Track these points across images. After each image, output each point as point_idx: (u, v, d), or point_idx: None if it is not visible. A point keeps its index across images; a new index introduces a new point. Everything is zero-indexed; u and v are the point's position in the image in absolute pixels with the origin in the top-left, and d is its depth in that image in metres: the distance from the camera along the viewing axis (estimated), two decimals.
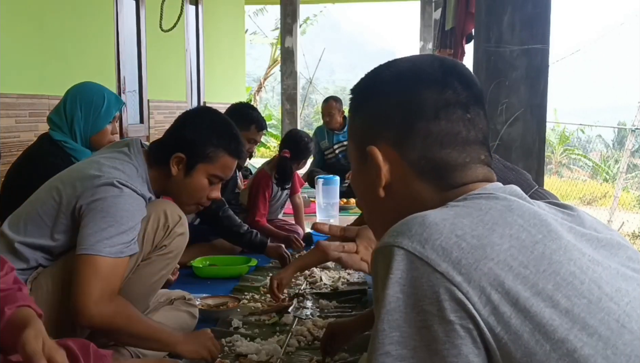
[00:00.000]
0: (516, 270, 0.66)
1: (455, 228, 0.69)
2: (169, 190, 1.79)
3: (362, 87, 0.89)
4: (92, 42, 4.94)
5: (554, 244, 0.70)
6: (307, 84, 14.35)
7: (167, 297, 2.03)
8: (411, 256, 0.67)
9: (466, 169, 0.82)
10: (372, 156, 0.83)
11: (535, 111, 2.63)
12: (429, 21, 8.57)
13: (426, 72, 0.83)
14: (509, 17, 2.59)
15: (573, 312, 0.65)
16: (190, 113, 1.89)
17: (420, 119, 0.81)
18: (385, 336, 0.66)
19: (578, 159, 13.60)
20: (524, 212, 0.73)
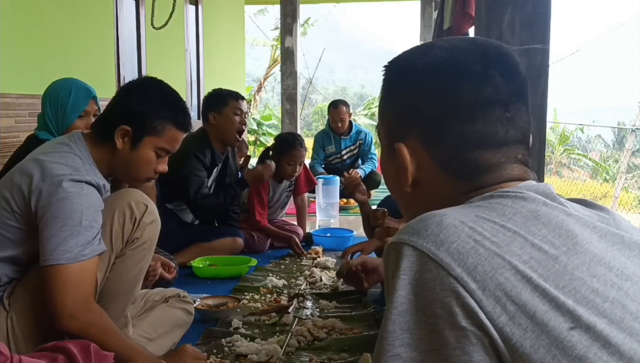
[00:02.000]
0: (535, 282, 0.64)
1: (474, 232, 0.66)
2: (115, 166, 1.68)
3: (395, 71, 0.84)
4: (92, 42, 4.94)
5: (577, 259, 0.67)
6: (307, 84, 14.35)
7: (162, 296, 2.03)
8: (425, 257, 0.65)
9: (500, 169, 0.77)
10: (400, 154, 0.79)
11: (535, 111, 2.63)
12: (429, 21, 8.57)
13: (465, 64, 0.77)
14: (509, 17, 2.59)
15: (594, 329, 0.63)
16: (134, 84, 1.77)
17: (454, 118, 0.76)
18: (396, 338, 0.64)
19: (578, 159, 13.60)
20: (550, 221, 0.70)
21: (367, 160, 5.42)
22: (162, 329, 1.92)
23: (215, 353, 1.90)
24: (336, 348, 1.94)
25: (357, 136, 5.49)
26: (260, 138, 14.28)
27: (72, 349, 1.21)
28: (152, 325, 1.91)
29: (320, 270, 2.92)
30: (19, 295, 1.56)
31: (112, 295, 1.68)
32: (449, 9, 4.38)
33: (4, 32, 3.73)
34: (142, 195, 1.74)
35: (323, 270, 2.92)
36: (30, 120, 4.04)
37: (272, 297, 2.51)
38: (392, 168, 0.82)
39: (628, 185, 10.17)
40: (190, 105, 7.07)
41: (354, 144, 5.49)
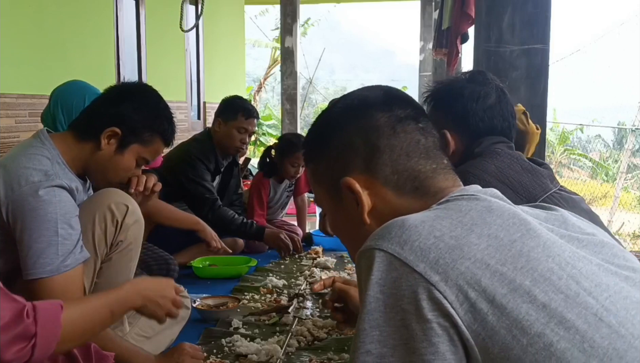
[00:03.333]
0: (493, 267, 0.68)
1: (434, 229, 0.71)
2: (92, 165, 1.63)
3: (315, 133, 0.93)
4: (92, 42, 4.94)
5: (532, 242, 0.72)
6: (307, 84, 14.34)
7: None
8: (390, 257, 0.69)
9: (436, 174, 0.85)
10: (349, 186, 0.85)
11: (535, 111, 2.63)
12: (429, 21, 8.56)
13: (371, 97, 0.89)
14: (509, 17, 2.59)
15: (550, 306, 0.67)
16: (130, 89, 1.74)
17: (381, 137, 0.85)
18: (366, 335, 0.68)
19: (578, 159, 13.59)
20: (503, 212, 0.75)
21: None
22: (159, 326, 1.91)
23: (215, 353, 1.90)
24: (336, 348, 1.94)
25: None
26: (260, 138, 14.27)
27: (73, 350, 1.21)
28: (149, 322, 1.90)
29: (320, 270, 2.92)
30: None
31: None
32: (448, 9, 4.38)
33: (4, 32, 3.73)
34: (122, 194, 1.71)
35: (323, 270, 2.92)
36: (30, 120, 4.04)
37: (272, 297, 2.51)
38: (341, 212, 0.89)
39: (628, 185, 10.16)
40: (190, 105, 7.07)
41: None
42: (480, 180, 1.40)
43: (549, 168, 1.57)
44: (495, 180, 1.41)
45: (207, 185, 3.09)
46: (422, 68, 8.66)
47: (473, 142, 1.53)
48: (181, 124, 6.14)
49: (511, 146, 1.56)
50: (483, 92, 1.53)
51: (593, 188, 10.97)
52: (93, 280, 1.65)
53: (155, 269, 2.50)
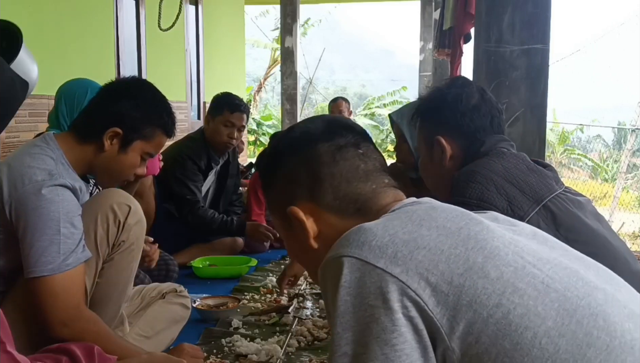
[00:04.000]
0: (447, 252, 0.74)
1: (387, 229, 0.77)
2: (98, 166, 1.64)
3: (264, 167, 1.00)
4: (92, 42, 4.94)
5: (477, 227, 0.79)
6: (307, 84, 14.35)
7: (159, 291, 2.02)
8: (352, 260, 0.74)
9: (377, 194, 0.91)
10: (293, 215, 0.91)
11: (535, 111, 2.62)
12: (429, 21, 8.56)
13: (312, 129, 0.96)
14: (509, 17, 2.58)
15: (503, 278, 0.73)
16: (126, 86, 1.74)
17: (322, 167, 0.91)
18: (341, 338, 0.72)
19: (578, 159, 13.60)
20: (445, 208, 0.83)
21: None
22: (159, 326, 1.92)
23: (215, 353, 1.90)
24: None
25: None
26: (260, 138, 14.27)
27: (76, 351, 1.21)
28: (149, 322, 1.91)
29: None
30: (7, 308, 1.52)
31: (104, 299, 1.67)
32: (450, 9, 4.38)
33: None
34: (124, 195, 1.71)
35: None
36: (30, 120, 4.04)
37: (272, 297, 2.51)
38: (294, 238, 0.94)
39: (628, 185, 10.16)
40: (190, 105, 7.07)
41: None
42: (488, 179, 1.41)
43: (554, 170, 1.58)
44: (502, 180, 1.42)
45: (192, 186, 3.09)
46: (422, 68, 8.66)
47: (470, 143, 1.55)
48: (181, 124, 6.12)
49: (513, 145, 1.57)
50: (465, 94, 1.57)
51: (593, 188, 10.97)
52: (94, 280, 1.65)
53: (154, 269, 2.50)
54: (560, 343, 0.70)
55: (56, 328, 1.47)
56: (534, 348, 0.69)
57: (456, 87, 1.60)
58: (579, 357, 0.69)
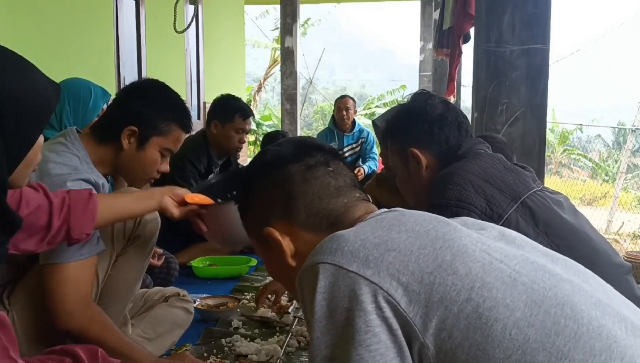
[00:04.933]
0: (416, 252, 0.77)
1: (358, 234, 0.80)
2: (120, 166, 1.71)
3: (240, 192, 1.03)
4: (92, 42, 4.94)
5: (444, 228, 0.82)
6: (307, 84, 14.35)
7: (162, 295, 2.03)
8: (326, 266, 0.77)
9: (349, 208, 0.95)
10: (269, 235, 0.94)
11: (535, 111, 2.63)
12: (429, 21, 8.56)
13: (283, 153, 0.99)
14: (509, 17, 2.59)
15: (471, 274, 0.75)
16: (138, 86, 1.81)
17: (294, 186, 0.94)
18: (320, 342, 0.75)
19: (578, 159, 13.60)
20: (413, 214, 0.86)
21: (368, 159, 5.44)
22: (161, 329, 1.92)
23: (215, 353, 1.90)
24: None
25: (359, 134, 5.53)
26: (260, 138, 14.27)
27: (80, 353, 1.21)
28: (151, 325, 1.91)
29: None
30: (19, 295, 1.57)
31: (114, 292, 1.69)
32: (450, 9, 4.38)
33: (4, 32, 3.73)
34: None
35: None
36: None
37: (272, 297, 2.50)
38: (272, 258, 0.97)
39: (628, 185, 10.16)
40: (190, 106, 7.07)
41: (356, 142, 5.50)
42: (465, 180, 1.43)
43: (531, 170, 1.63)
44: (479, 180, 1.44)
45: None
46: (422, 68, 8.66)
47: (442, 150, 1.58)
48: None
49: (489, 147, 1.60)
50: (429, 105, 1.61)
51: (593, 188, 10.97)
52: (107, 271, 1.68)
53: (156, 269, 2.50)
54: (529, 333, 0.72)
55: (62, 317, 1.49)
56: (505, 340, 0.71)
57: (419, 100, 1.65)
58: (548, 345, 0.71)
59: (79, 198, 1.43)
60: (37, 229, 1.36)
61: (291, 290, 1.01)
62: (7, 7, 3.77)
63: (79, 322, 1.51)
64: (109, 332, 1.54)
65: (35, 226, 1.35)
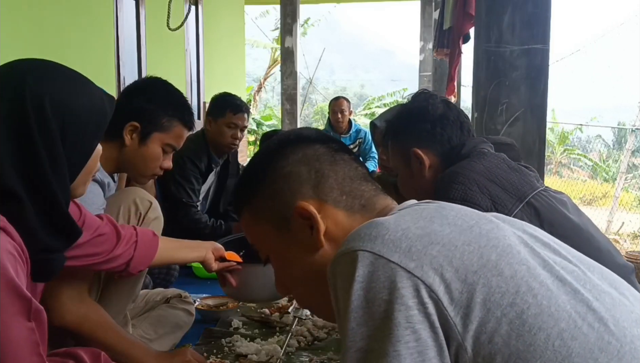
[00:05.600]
0: (461, 248, 0.72)
1: (399, 223, 0.75)
2: (123, 162, 1.73)
3: (253, 171, 0.95)
4: (92, 42, 4.94)
5: (488, 225, 0.78)
6: (307, 84, 14.35)
7: (163, 296, 2.03)
8: (365, 254, 0.72)
9: (378, 195, 0.92)
10: (302, 210, 0.87)
11: (535, 111, 2.63)
12: (429, 21, 8.56)
13: (305, 133, 0.96)
14: (509, 17, 2.59)
15: (517, 276, 0.71)
16: (140, 84, 1.84)
17: (324, 163, 0.90)
18: (355, 333, 0.70)
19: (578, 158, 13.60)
20: (454, 207, 0.82)
21: (368, 159, 5.42)
22: (162, 330, 1.92)
23: (215, 353, 1.90)
24: (336, 348, 1.94)
25: (356, 135, 5.50)
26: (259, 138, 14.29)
27: (83, 356, 1.22)
28: (152, 325, 1.91)
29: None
30: None
31: (115, 290, 1.69)
32: (450, 9, 4.38)
33: (4, 32, 3.73)
34: (146, 192, 1.78)
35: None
36: None
37: None
38: (294, 244, 0.89)
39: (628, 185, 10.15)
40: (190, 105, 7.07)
41: (353, 143, 5.48)
42: (470, 179, 1.42)
43: (534, 170, 1.62)
44: (484, 179, 1.43)
45: (188, 190, 3.10)
46: (422, 68, 8.66)
47: (445, 150, 1.58)
48: None
49: (492, 147, 1.60)
50: (430, 105, 1.61)
51: (593, 188, 10.97)
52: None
53: (155, 269, 2.50)
54: (572, 346, 0.68)
55: (57, 312, 1.48)
56: (547, 351, 0.68)
57: (420, 100, 1.64)
58: (591, 361, 0.68)
59: (145, 236, 1.52)
60: (94, 253, 1.39)
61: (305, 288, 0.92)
62: (7, 7, 3.77)
63: (73, 318, 1.50)
64: (105, 328, 1.54)
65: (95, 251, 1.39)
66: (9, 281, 0.93)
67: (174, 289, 2.12)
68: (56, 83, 1.11)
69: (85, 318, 1.52)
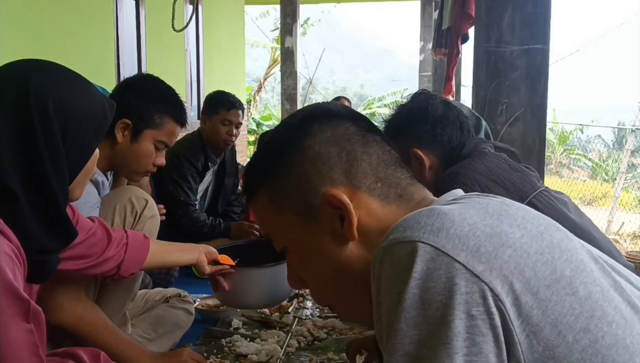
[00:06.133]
0: (533, 257, 0.62)
1: (465, 217, 0.64)
2: (116, 160, 1.72)
3: (275, 147, 0.81)
4: (92, 42, 4.94)
5: (557, 234, 0.67)
6: (307, 84, 14.35)
7: (163, 295, 2.03)
8: (427, 248, 0.61)
9: (413, 184, 0.80)
10: (333, 198, 0.74)
11: (535, 111, 2.63)
12: (429, 21, 8.57)
13: (333, 108, 0.82)
14: (509, 17, 2.59)
15: (591, 299, 0.62)
16: (132, 80, 1.83)
17: (356, 145, 0.77)
18: (404, 335, 0.61)
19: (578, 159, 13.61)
20: (519, 207, 0.71)
21: None
22: (162, 330, 1.92)
23: (215, 353, 1.90)
24: (336, 348, 1.94)
25: None
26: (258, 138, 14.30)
27: (82, 356, 1.22)
28: (152, 325, 1.91)
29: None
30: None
31: (113, 290, 1.68)
32: (449, 9, 4.39)
33: (4, 32, 3.73)
34: (142, 191, 1.78)
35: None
36: None
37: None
38: (318, 237, 0.77)
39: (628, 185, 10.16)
40: (190, 105, 7.07)
41: None
42: (472, 179, 1.43)
43: (534, 170, 1.62)
44: (486, 179, 1.44)
45: (186, 189, 3.11)
46: (422, 68, 8.67)
47: (445, 151, 1.58)
48: None
49: (493, 146, 1.60)
50: (430, 106, 1.60)
51: (593, 188, 10.97)
52: None
53: (155, 270, 2.50)
54: None
55: (54, 311, 1.48)
56: None
57: (420, 100, 1.64)
58: None
59: (136, 239, 1.50)
60: (85, 255, 1.38)
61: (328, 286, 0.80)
62: (7, 7, 3.77)
63: (69, 317, 1.50)
64: (100, 328, 1.53)
65: (87, 252, 1.38)
66: (7, 283, 0.93)
67: (174, 289, 2.12)
68: (59, 84, 1.11)
69: (81, 318, 1.51)
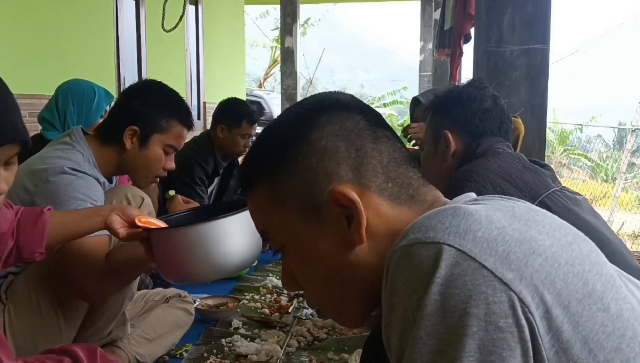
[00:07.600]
0: (564, 267, 0.58)
1: (493, 219, 0.59)
2: (125, 166, 1.74)
3: (277, 138, 0.74)
4: (92, 42, 4.94)
5: (585, 245, 0.63)
6: (307, 84, 14.35)
7: (162, 295, 2.03)
8: (451, 251, 0.57)
9: (425, 185, 0.74)
10: (341, 196, 0.68)
11: (535, 111, 2.63)
12: (429, 21, 8.57)
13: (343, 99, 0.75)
14: (509, 17, 2.59)
15: (623, 316, 0.58)
16: (135, 87, 1.84)
17: (366, 141, 0.71)
18: (424, 344, 0.56)
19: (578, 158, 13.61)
20: (545, 214, 0.66)
21: None
22: (162, 329, 1.92)
23: (215, 353, 1.90)
24: (336, 348, 1.94)
25: None
26: None
27: (79, 353, 1.22)
28: (152, 325, 1.91)
29: None
30: (17, 288, 1.57)
31: None
32: (450, 9, 4.38)
33: (4, 32, 3.73)
34: (138, 190, 1.79)
35: None
36: (30, 120, 4.03)
37: (272, 297, 2.51)
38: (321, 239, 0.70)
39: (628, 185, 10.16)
40: (190, 106, 7.06)
41: None
42: (484, 178, 1.43)
43: (551, 169, 1.61)
44: (498, 178, 1.44)
45: (200, 192, 3.10)
46: (422, 68, 8.67)
47: (472, 143, 1.57)
48: None
49: (510, 146, 1.60)
50: (480, 96, 1.60)
51: (593, 188, 10.97)
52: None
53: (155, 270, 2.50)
54: None
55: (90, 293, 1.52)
56: None
57: (472, 88, 1.64)
58: None
59: (29, 214, 1.34)
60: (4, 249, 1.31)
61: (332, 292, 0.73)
62: (7, 7, 3.77)
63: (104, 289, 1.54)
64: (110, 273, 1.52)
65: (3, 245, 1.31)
66: None
67: (173, 289, 2.12)
68: None
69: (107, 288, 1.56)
